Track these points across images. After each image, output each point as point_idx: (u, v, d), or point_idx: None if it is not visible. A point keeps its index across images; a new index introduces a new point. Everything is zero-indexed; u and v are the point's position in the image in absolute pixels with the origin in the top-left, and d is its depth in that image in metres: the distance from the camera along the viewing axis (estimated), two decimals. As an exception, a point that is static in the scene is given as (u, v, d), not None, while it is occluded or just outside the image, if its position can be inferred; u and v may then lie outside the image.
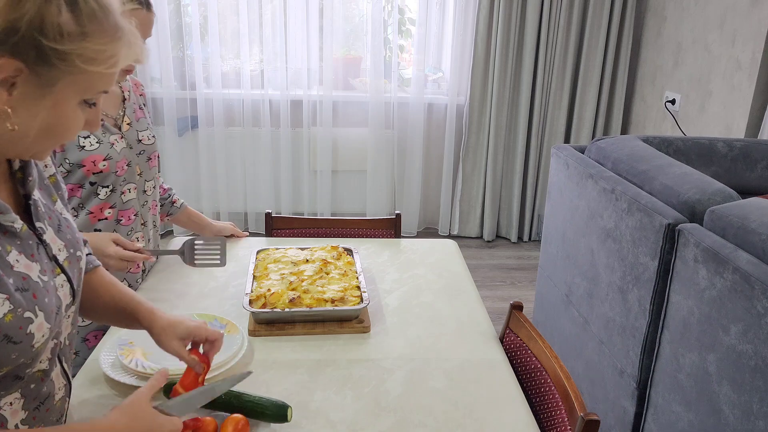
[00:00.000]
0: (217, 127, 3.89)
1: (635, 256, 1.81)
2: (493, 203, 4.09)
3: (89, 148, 1.50)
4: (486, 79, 3.90)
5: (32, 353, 0.84)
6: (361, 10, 4.00)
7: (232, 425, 1.05)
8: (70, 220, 1.00)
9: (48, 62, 0.75)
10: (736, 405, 1.40)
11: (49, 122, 0.79)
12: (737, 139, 2.44)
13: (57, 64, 0.75)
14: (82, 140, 1.49)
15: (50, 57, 0.75)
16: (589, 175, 2.12)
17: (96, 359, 1.27)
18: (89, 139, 1.50)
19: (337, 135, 4.03)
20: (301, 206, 4.12)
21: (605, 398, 2.00)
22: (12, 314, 0.79)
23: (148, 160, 1.67)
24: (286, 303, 1.42)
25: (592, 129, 4.00)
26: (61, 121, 0.80)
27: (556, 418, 1.21)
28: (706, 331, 1.51)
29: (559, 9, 3.76)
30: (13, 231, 0.84)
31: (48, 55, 0.74)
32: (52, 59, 0.75)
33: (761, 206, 1.53)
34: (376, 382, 1.25)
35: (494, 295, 3.40)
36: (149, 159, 1.67)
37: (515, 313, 1.44)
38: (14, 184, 0.90)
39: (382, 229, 2.11)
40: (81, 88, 0.79)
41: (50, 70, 0.76)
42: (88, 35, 0.76)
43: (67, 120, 0.81)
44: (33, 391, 0.90)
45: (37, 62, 0.74)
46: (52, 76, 0.76)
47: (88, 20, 0.77)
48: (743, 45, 2.86)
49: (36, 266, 0.86)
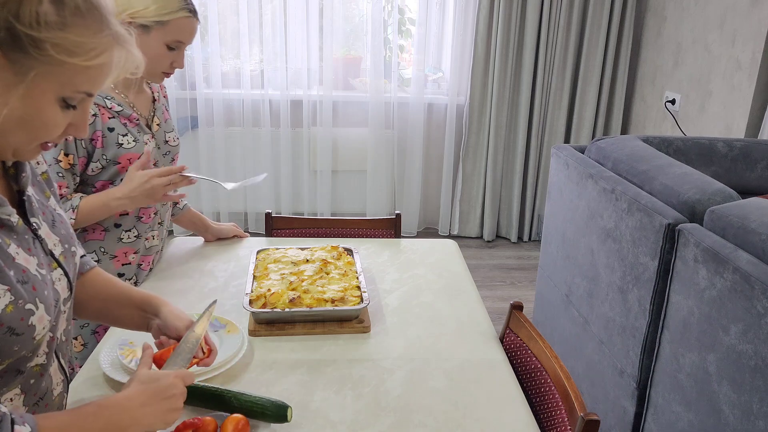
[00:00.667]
0: (217, 127, 3.89)
1: (635, 256, 1.81)
2: (493, 203, 4.09)
3: (126, 146, 1.52)
4: (486, 79, 3.90)
5: (33, 345, 0.85)
6: (361, 10, 4.00)
7: (232, 425, 1.05)
8: (63, 216, 1.01)
9: (22, 49, 0.74)
10: (736, 405, 1.40)
11: (22, 114, 0.77)
12: (737, 139, 2.44)
13: (31, 51, 0.74)
14: (121, 138, 1.51)
15: (24, 43, 0.74)
16: (589, 175, 2.12)
17: (96, 359, 1.27)
18: (127, 137, 1.51)
19: (337, 135, 4.03)
20: (301, 206, 4.12)
21: (605, 398, 2.00)
22: (13, 306, 0.80)
23: (172, 161, 1.70)
24: (286, 303, 1.42)
25: (592, 129, 4.00)
26: (35, 115, 0.78)
27: (556, 418, 1.21)
28: (706, 331, 1.51)
29: (559, 9, 3.76)
30: (10, 225, 0.85)
31: (22, 41, 0.73)
32: (26, 46, 0.74)
33: (761, 206, 1.53)
34: (376, 382, 1.25)
35: (494, 295, 3.41)
36: (173, 160, 1.70)
37: (515, 313, 1.44)
38: (8, 180, 0.90)
39: (382, 229, 2.11)
40: (57, 82, 0.78)
41: (24, 58, 0.74)
42: (67, 26, 0.76)
43: (43, 114, 0.79)
44: (33, 386, 0.91)
45: (11, 47, 0.74)
46: (26, 64, 0.75)
47: (71, 13, 0.76)
48: (743, 45, 2.86)
49: (33, 260, 0.87)
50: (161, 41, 1.43)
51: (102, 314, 1.17)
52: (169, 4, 1.41)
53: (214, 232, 1.90)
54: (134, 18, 1.39)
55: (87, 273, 1.14)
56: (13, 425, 0.76)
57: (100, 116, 1.46)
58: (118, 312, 1.15)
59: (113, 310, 1.15)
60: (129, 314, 1.15)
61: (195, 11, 1.47)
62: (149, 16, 1.39)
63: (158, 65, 1.47)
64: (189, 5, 1.45)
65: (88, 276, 1.14)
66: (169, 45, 1.45)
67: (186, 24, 1.45)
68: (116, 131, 1.49)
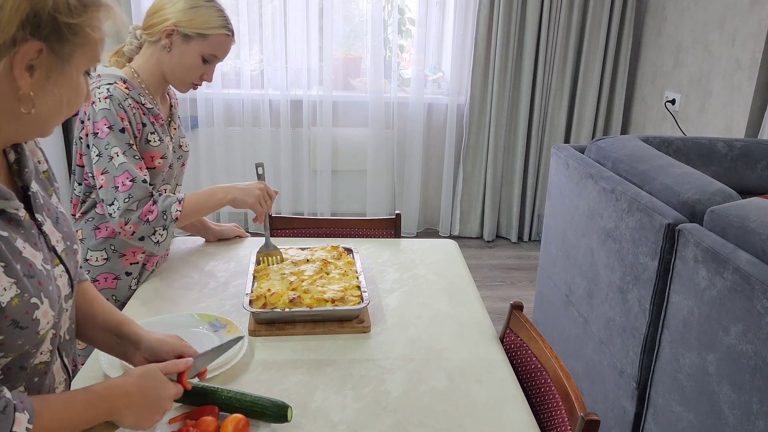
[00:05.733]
0: (217, 127, 3.89)
1: (635, 256, 1.81)
2: (493, 203, 4.09)
3: (153, 144, 1.57)
4: (486, 79, 3.90)
5: (37, 340, 0.87)
6: (361, 10, 4.00)
7: (233, 425, 1.05)
8: (66, 214, 1.03)
9: (64, 38, 0.80)
10: (736, 405, 1.40)
11: (68, 97, 0.85)
12: (737, 139, 2.44)
13: (71, 38, 0.81)
14: (150, 135, 1.56)
15: (65, 32, 0.80)
16: (589, 175, 2.12)
17: (96, 359, 1.27)
18: (154, 135, 1.57)
19: (337, 135, 4.03)
20: (301, 206, 4.12)
21: (605, 398, 2.00)
22: (19, 299, 0.81)
23: (182, 165, 1.75)
24: (286, 303, 1.42)
25: (592, 129, 4.00)
26: (73, 94, 0.85)
27: (556, 418, 1.21)
28: (706, 331, 1.51)
29: (559, 9, 3.76)
30: (18, 219, 0.86)
31: (63, 31, 0.80)
32: (66, 34, 0.80)
33: (761, 206, 1.54)
34: (376, 382, 1.25)
35: (494, 295, 3.41)
36: (183, 164, 1.75)
37: (515, 313, 1.44)
38: (12, 176, 0.91)
39: (382, 229, 2.11)
40: (88, 58, 0.85)
41: (65, 46, 0.81)
42: (87, 6, 0.82)
43: (80, 91, 0.86)
44: (36, 384, 0.92)
45: (55, 40, 0.79)
46: (68, 52, 0.81)
47: None
48: (743, 45, 2.87)
49: (39, 255, 0.88)
50: (198, 53, 1.55)
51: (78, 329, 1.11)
52: (212, 21, 1.54)
53: (214, 233, 1.90)
54: (178, 27, 1.52)
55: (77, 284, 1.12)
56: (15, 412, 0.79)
57: (137, 110, 1.53)
58: (91, 332, 1.12)
59: (88, 329, 1.12)
60: (102, 338, 1.12)
61: (233, 32, 1.60)
62: (193, 28, 1.52)
63: (190, 75, 1.58)
64: (229, 25, 1.58)
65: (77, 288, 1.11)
66: (204, 57, 1.56)
67: (224, 41, 1.57)
68: (147, 128, 1.55)
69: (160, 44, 1.54)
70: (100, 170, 1.47)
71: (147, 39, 1.57)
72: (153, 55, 1.56)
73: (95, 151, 1.47)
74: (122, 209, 1.45)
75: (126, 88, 1.51)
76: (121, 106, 1.47)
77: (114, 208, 1.46)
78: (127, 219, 1.46)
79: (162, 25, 1.52)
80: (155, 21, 1.53)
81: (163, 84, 1.61)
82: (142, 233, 1.48)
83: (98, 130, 1.46)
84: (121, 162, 1.47)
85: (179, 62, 1.55)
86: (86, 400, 0.89)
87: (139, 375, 0.96)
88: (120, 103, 1.47)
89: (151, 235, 1.50)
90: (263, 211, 1.65)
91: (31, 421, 0.80)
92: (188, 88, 1.62)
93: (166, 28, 1.52)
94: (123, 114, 1.47)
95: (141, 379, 0.96)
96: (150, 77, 1.58)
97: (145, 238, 1.50)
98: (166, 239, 1.52)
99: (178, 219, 1.52)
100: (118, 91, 1.48)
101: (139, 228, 1.47)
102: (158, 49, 1.55)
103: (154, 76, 1.58)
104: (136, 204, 1.47)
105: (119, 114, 1.46)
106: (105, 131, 1.46)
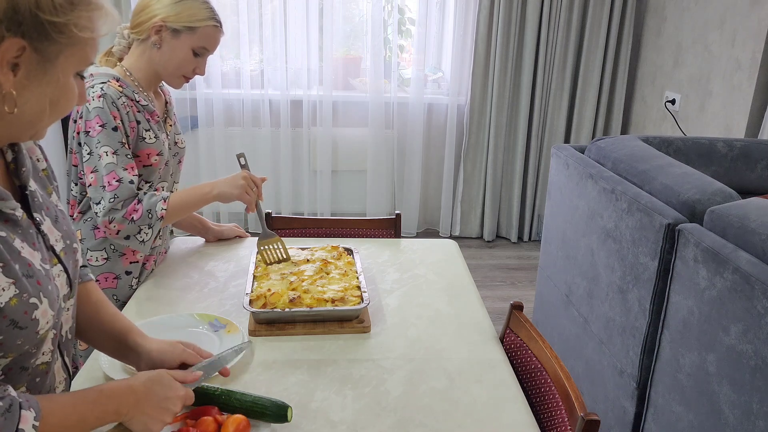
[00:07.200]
0: (217, 127, 3.89)
1: (635, 256, 1.81)
2: (494, 203, 4.09)
3: (148, 141, 1.58)
4: (486, 79, 3.90)
5: (36, 339, 0.86)
6: (361, 10, 4.00)
7: (233, 425, 1.05)
8: (65, 212, 1.02)
9: (48, 37, 0.78)
10: (736, 405, 1.40)
11: (53, 98, 0.82)
12: (737, 139, 2.44)
13: (56, 37, 0.78)
14: (144, 132, 1.56)
15: (49, 31, 0.78)
16: (589, 175, 2.12)
17: (96, 359, 1.27)
18: (149, 132, 1.57)
19: (337, 135, 4.03)
20: (301, 206, 4.12)
21: (605, 398, 2.00)
22: (17, 299, 0.81)
23: (179, 162, 1.76)
24: (286, 303, 1.42)
25: (592, 129, 4.00)
26: (61, 95, 0.83)
27: (556, 418, 1.21)
28: (706, 331, 1.51)
29: (559, 9, 3.76)
30: (15, 219, 0.85)
31: (47, 29, 0.77)
32: (51, 33, 0.78)
33: (761, 206, 1.53)
34: (376, 382, 1.25)
35: (494, 295, 3.41)
36: (179, 162, 1.76)
37: (515, 313, 1.44)
38: (10, 175, 0.91)
39: (382, 229, 2.11)
40: (77, 60, 0.83)
41: (50, 45, 0.79)
42: (75, 5, 0.80)
43: (68, 91, 0.84)
44: (38, 384, 0.92)
45: (38, 38, 0.77)
46: (53, 51, 0.79)
47: None
48: (743, 45, 2.87)
49: (38, 254, 0.88)
50: (189, 46, 1.56)
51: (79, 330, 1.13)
52: (199, 13, 1.55)
53: (214, 233, 1.90)
54: (166, 22, 1.52)
55: (81, 285, 1.13)
56: (20, 410, 0.79)
57: (131, 108, 1.52)
58: (97, 337, 1.13)
59: (94, 333, 1.13)
60: (107, 343, 1.13)
61: (221, 23, 1.61)
62: (181, 22, 1.53)
63: (182, 68, 1.59)
64: (216, 17, 1.59)
65: (81, 288, 1.12)
66: (195, 50, 1.57)
67: (212, 32, 1.58)
68: (141, 125, 1.56)
69: (150, 41, 1.54)
70: (90, 168, 1.48)
71: (135, 38, 1.56)
72: (144, 53, 1.56)
73: (86, 149, 1.48)
74: (107, 208, 1.46)
75: (119, 86, 1.51)
76: (115, 104, 1.47)
77: (100, 207, 1.47)
78: (111, 218, 1.47)
79: (150, 22, 1.52)
80: (143, 18, 1.53)
81: (156, 80, 1.62)
82: (127, 232, 1.49)
83: (90, 128, 1.47)
84: (108, 162, 1.47)
85: (171, 57, 1.55)
86: (93, 399, 0.89)
87: (146, 376, 0.97)
88: (113, 102, 1.47)
89: (137, 234, 1.50)
90: (252, 200, 1.67)
91: (37, 419, 0.80)
92: (181, 83, 1.62)
93: (155, 24, 1.52)
94: (116, 112, 1.48)
95: (148, 380, 0.96)
96: (142, 75, 1.58)
97: (131, 237, 1.50)
98: (151, 237, 1.53)
99: (163, 217, 1.52)
100: (112, 89, 1.48)
101: (124, 227, 1.48)
102: (148, 47, 1.55)
103: (146, 73, 1.58)
104: (121, 204, 1.47)
105: (112, 112, 1.47)
106: (97, 129, 1.46)
